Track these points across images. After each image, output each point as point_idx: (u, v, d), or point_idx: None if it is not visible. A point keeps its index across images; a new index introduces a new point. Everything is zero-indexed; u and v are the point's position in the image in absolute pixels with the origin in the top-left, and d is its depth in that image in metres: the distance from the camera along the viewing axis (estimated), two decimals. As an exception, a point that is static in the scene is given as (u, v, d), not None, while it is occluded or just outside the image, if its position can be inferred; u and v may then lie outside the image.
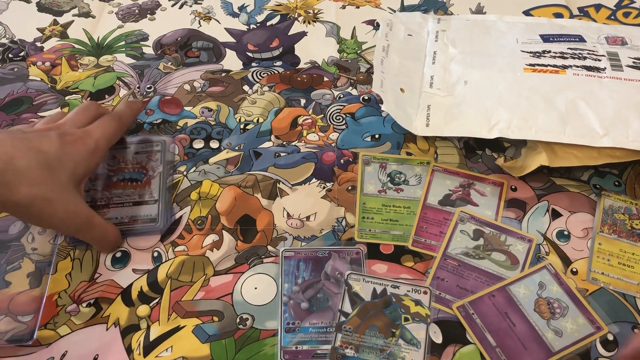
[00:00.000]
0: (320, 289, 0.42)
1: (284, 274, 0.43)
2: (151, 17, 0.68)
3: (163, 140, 0.52)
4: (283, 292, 0.42)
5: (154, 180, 0.49)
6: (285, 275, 0.43)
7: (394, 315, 0.39)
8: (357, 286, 0.41)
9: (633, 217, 0.47)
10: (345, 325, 0.39)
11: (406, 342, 0.38)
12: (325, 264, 0.43)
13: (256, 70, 0.61)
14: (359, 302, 0.40)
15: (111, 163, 0.50)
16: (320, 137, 0.54)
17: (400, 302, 0.40)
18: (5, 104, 0.57)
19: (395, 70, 0.56)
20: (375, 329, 0.39)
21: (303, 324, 0.40)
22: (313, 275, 0.43)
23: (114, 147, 0.50)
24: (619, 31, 0.58)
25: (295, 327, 0.40)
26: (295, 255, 0.44)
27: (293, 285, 0.42)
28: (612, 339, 0.40)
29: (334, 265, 0.43)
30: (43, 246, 0.45)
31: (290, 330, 0.40)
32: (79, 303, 0.42)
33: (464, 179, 0.50)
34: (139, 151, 0.51)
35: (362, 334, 0.38)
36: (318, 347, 0.39)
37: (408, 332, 0.39)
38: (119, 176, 0.49)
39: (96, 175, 0.49)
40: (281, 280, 0.42)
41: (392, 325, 0.39)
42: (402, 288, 0.41)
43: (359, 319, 0.39)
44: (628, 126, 0.46)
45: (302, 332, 0.40)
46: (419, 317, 0.40)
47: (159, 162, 0.50)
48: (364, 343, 0.38)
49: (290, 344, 0.39)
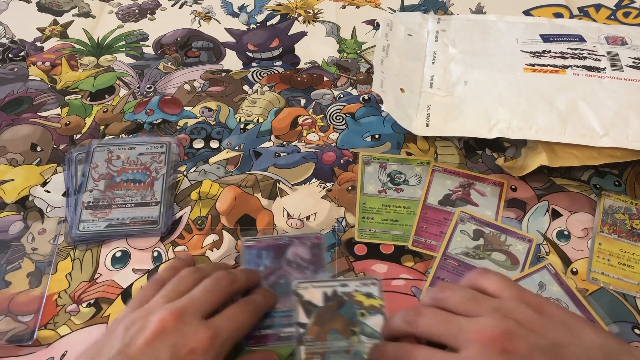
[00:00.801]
0: (282, 275, 0.43)
1: (246, 263, 0.44)
2: (151, 17, 0.68)
3: (168, 142, 0.52)
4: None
5: (157, 182, 0.48)
6: (248, 264, 0.44)
7: (349, 313, 0.39)
8: (307, 294, 0.40)
9: (633, 217, 0.47)
10: (305, 336, 0.38)
11: (368, 337, 0.38)
12: (286, 251, 0.44)
13: (256, 70, 0.61)
14: (313, 310, 0.40)
15: (115, 163, 0.50)
16: (320, 137, 0.54)
17: (352, 299, 0.40)
18: (5, 104, 0.57)
19: (395, 70, 0.56)
20: (335, 332, 0.38)
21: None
22: (275, 262, 0.43)
23: (118, 148, 0.51)
24: (619, 31, 0.58)
25: None
26: (257, 244, 0.45)
27: None
28: (612, 339, 0.40)
29: (294, 251, 0.44)
30: (43, 246, 0.45)
31: None
32: (79, 303, 0.42)
33: (464, 179, 0.50)
34: (144, 152, 0.51)
35: (324, 341, 0.38)
36: (282, 330, 0.40)
37: (367, 327, 0.39)
38: (123, 177, 0.49)
39: (100, 175, 0.49)
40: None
41: (350, 323, 0.39)
42: (351, 285, 0.41)
43: (317, 326, 0.39)
44: (628, 126, 0.46)
45: (266, 317, 0.40)
46: (373, 309, 0.40)
47: (162, 164, 0.50)
48: (328, 349, 0.38)
49: (255, 330, 0.39)
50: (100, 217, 0.46)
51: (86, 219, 0.46)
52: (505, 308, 0.32)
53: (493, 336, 0.30)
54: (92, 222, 0.46)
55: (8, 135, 0.54)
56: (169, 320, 0.33)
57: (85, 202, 0.47)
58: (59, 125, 0.55)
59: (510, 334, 0.30)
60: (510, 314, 0.31)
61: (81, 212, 0.46)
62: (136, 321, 0.33)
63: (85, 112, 0.56)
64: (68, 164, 0.50)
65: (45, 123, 0.55)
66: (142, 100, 0.57)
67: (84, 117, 0.56)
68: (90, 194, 0.47)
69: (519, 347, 0.30)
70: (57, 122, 0.55)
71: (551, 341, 0.30)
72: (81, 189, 0.48)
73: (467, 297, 0.33)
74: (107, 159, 0.50)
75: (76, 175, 0.49)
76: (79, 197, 0.47)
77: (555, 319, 0.32)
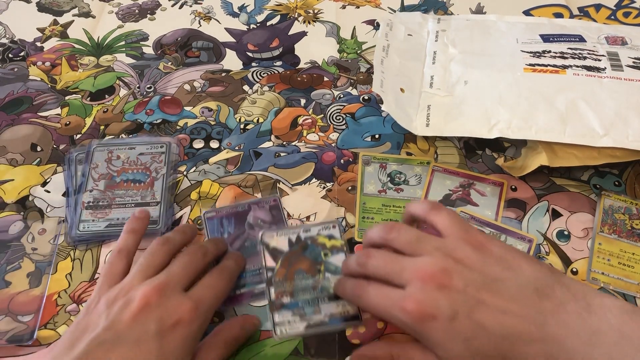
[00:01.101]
0: (246, 239, 0.45)
1: (209, 233, 0.46)
2: (151, 17, 0.68)
3: (168, 142, 0.52)
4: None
5: (157, 182, 0.48)
6: (211, 234, 0.46)
7: (314, 255, 0.43)
8: (273, 242, 0.43)
9: (633, 217, 0.47)
10: (274, 278, 0.41)
11: (332, 273, 0.42)
12: (246, 216, 0.46)
13: (256, 70, 0.61)
14: (280, 255, 0.43)
15: (115, 163, 0.50)
16: (320, 137, 0.54)
17: (315, 242, 0.43)
18: (5, 104, 0.57)
19: (395, 70, 0.56)
20: (302, 272, 0.42)
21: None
22: (237, 228, 0.45)
23: (118, 148, 0.50)
24: (619, 31, 0.58)
25: None
26: (217, 214, 0.47)
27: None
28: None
29: (255, 215, 0.46)
30: (43, 246, 0.45)
31: None
32: (79, 303, 0.42)
33: (464, 179, 0.50)
34: (144, 152, 0.51)
35: (291, 280, 0.41)
36: (255, 288, 0.42)
37: (331, 265, 0.42)
38: (123, 177, 0.49)
39: (100, 175, 0.49)
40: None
41: (315, 263, 0.42)
42: (313, 230, 0.44)
43: (284, 268, 0.42)
44: (628, 126, 0.46)
45: (239, 279, 0.42)
46: (335, 249, 0.43)
47: (162, 164, 0.50)
48: (296, 287, 0.41)
49: (230, 292, 0.42)
50: (100, 217, 0.46)
51: (86, 219, 0.46)
52: (447, 247, 0.34)
53: (431, 273, 0.32)
54: (92, 222, 0.46)
55: (8, 135, 0.54)
56: (153, 295, 0.34)
57: (85, 202, 0.47)
58: (59, 125, 0.55)
59: (447, 271, 0.33)
60: (450, 252, 0.34)
61: (81, 212, 0.46)
62: (117, 298, 0.35)
63: (85, 112, 0.56)
64: (68, 164, 0.50)
65: (45, 123, 0.55)
66: (142, 100, 0.57)
67: (84, 117, 0.56)
68: (90, 194, 0.47)
69: (455, 283, 0.32)
70: (57, 122, 0.55)
71: (487, 276, 0.33)
72: (81, 189, 0.48)
73: (411, 238, 0.35)
74: (107, 159, 0.50)
75: (76, 175, 0.49)
76: (79, 197, 0.47)
77: (494, 256, 0.34)
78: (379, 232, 0.37)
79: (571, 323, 0.30)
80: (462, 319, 0.31)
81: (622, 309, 0.30)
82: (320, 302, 0.40)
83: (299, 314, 0.40)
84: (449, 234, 0.35)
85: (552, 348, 0.30)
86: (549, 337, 0.30)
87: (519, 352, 0.31)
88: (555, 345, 0.30)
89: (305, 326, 0.39)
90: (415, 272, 0.33)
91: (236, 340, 0.39)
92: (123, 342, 0.32)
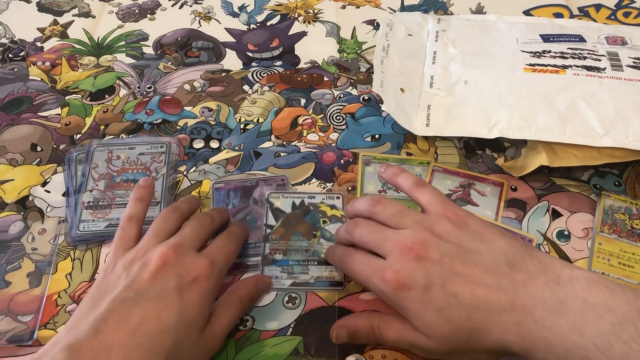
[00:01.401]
0: (250, 212, 0.46)
1: (215, 203, 0.47)
2: (151, 17, 0.68)
3: (168, 142, 0.52)
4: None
5: (157, 182, 0.48)
6: (217, 204, 0.47)
7: (313, 220, 0.45)
8: (277, 202, 0.46)
9: (633, 217, 0.47)
10: (271, 235, 0.44)
11: (326, 240, 0.44)
12: (253, 191, 0.48)
13: (256, 70, 0.61)
14: (281, 215, 0.45)
15: (115, 163, 0.50)
16: (320, 137, 0.54)
17: (317, 209, 0.46)
18: (5, 104, 0.57)
19: (395, 70, 0.56)
20: (298, 234, 0.44)
21: None
22: (242, 201, 0.47)
23: (118, 148, 0.50)
24: (619, 31, 0.58)
25: None
26: (225, 186, 0.48)
27: None
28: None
29: (261, 191, 0.47)
30: (43, 246, 0.45)
31: None
32: (79, 303, 0.42)
33: (464, 179, 0.50)
34: (144, 152, 0.51)
35: (287, 240, 0.44)
36: (248, 260, 0.44)
37: (327, 232, 0.44)
38: (123, 177, 0.49)
39: (100, 175, 0.49)
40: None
41: (313, 228, 0.44)
42: (318, 197, 0.46)
43: (283, 228, 0.44)
44: (628, 126, 0.46)
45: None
46: (335, 218, 0.45)
47: (162, 164, 0.50)
48: (290, 247, 0.43)
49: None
50: (100, 217, 0.46)
51: (86, 219, 0.46)
52: (427, 221, 0.36)
53: (410, 245, 0.34)
54: (92, 222, 0.46)
55: (8, 135, 0.54)
56: (170, 254, 0.36)
57: (85, 202, 0.47)
58: (59, 125, 0.55)
59: (425, 243, 0.34)
60: (430, 227, 0.35)
61: (81, 212, 0.46)
62: (135, 260, 0.36)
63: (85, 112, 0.56)
64: (68, 163, 0.50)
65: (45, 123, 0.55)
66: (142, 100, 0.57)
67: (84, 117, 0.56)
68: (90, 194, 0.47)
69: (431, 255, 0.34)
70: (57, 122, 0.55)
71: (462, 249, 0.34)
72: (81, 188, 0.48)
73: (395, 212, 0.37)
74: (107, 159, 0.50)
75: (76, 175, 0.49)
76: (79, 197, 0.47)
77: (471, 230, 0.35)
78: (366, 204, 0.39)
79: (540, 294, 0.32)
80: (436, 289, 0.33)
81: (588, 280, 0.32)
82: (310, 264, 0.43)
83: (287, 271, 0.42)
84: (430, 209, 0.37)
85: (521, 317, 0.31)
86: (518, 307, 0.32)
87: (490, 321, 0.32)
88: (525, 314, 0.31)
89: (291, 283, 0.42)
90: (395, 243, 0.35)
91: (251, 298, 0.40)
92: (144, 299, 0.33)
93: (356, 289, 0.42)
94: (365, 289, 0.42)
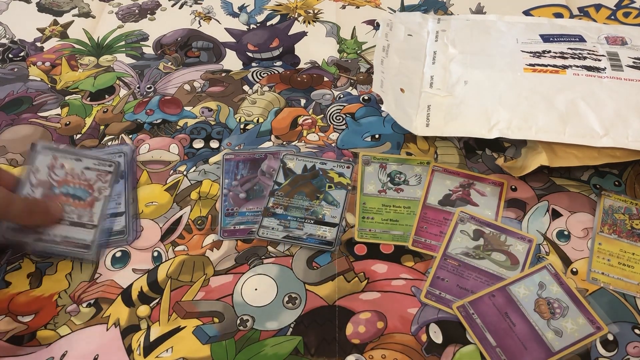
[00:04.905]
0: (257, 183, 0.48)
1: (224, 172, 0.49)
2: (151, 17, 0.68)
3: (117, 162, 0.48)
4: (224, 186, 0.49)
5: (98, 203, 0.45)
6: (226, 173, 0.49)
7: (319, 184, 0.48)
8: (290, 163, 0.49)
9: (633, 217, 0.47)
10: (277, 191, 0.47)
11: (328, 203, 0.46)
12: (261, 163, 0.50)
13: (256, 70, 0.61)
14: (291, 174, 0.48)
15: (58, 172, 0.45)
16: (320, 137, 0.54)
17: (326, 174, 0.48)
18: (5, 104, 0.57)
19: (395, 70, 0.56)
20: (303, 194, 0.47)
21: (240, 209, 0.47)
22: (250, 172, 0.49)
23: (63, 155, 0.47)
24: (619, 31, 0.58)
25: (233, 212, 0.47)
26: (235, 157, 0.51)
27: (233, 181, 0.49)
28: (612, 339, 0.40)
29: (269, 164, 0.50)
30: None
31: (229, 214, 0.47)
32: (79, 303, 0.42)
33: (464, 179, 0.50)
34: (90, 167, 0.47)
35: (291, 198, 0.47)
36: (252, 227, 0.46)
37: (330, 196, 0.47)
38: (63, 189, 0.45)
39: (39, 181, 0.45)
40: (222, 178, 0.49)
41: (317, 191, 0.47)
42: (329, 164, 0.49)
43: (290, 187, 0.47)
44: (628, 126, 0.46)
45: (240, 216, 0.47)
46: (341, 185, 0.48)
47: (107, 185, 0.46)
48: (292, 204, 0.46)
49: (229, 225, 0.46)
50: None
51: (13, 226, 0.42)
52: None
53: None
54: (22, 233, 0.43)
55: (8, 135, 0.54)
56: None
57: None
58: (59, 126, 0.55)
59: None
60: None
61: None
62: None
63: (85, 112, 0.56)
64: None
65: (45, 123, 0.55)
66: (142, 101, 0.57)
67: (84, 117, 0.56)
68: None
69: None
70: (57, 122, 0.55)
71: None
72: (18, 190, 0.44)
73: None
74: (49, 165, 0.45)
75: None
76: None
77: None
78: None
79: None
80: None
81: None
82: (306, 222, 0.45)
83: (283, 224, 0.45)
84: None
85: None
86: None
87: None
88: None
89: (284, 236, 0.45)
90: None
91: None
92: None
93: (356, 289, 0.42)
94: (365, 288, 0.42)
